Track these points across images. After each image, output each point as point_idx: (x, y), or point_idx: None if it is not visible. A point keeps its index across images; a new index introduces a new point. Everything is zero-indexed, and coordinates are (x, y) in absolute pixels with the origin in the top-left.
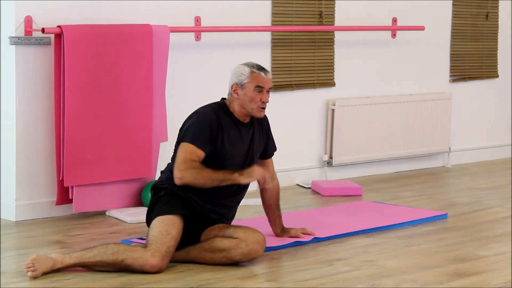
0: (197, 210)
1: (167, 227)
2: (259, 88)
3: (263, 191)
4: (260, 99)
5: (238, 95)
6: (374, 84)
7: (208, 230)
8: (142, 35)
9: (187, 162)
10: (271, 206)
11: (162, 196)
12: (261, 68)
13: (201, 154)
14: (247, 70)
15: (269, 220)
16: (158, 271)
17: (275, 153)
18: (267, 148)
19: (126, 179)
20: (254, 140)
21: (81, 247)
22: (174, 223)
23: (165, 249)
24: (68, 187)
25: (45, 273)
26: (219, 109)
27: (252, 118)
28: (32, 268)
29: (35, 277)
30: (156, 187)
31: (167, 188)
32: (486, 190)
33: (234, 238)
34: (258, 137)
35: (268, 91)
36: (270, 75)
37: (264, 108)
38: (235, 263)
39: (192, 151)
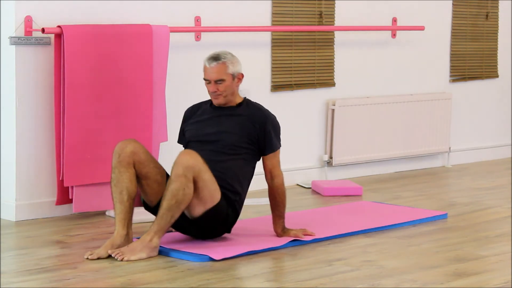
0: None
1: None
2: (206, 81)
3: (269, 189)
4: (209, 90)
5: None
6: (374, 84)
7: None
8: (142, 35)
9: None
10: (271, 204)
11: None
12: (210, 58)
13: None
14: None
15: (272, 218)
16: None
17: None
18: (264, 144)
19: None
20: (232, 122)
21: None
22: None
23: None
24: (68, 187)
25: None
26: (208, 100)
27: (245, 107)
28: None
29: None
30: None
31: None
32: (486, 190)
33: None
34: (241, 123)
35: (218, 81)
36: (217, 64)
37: (218, 96)
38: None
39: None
